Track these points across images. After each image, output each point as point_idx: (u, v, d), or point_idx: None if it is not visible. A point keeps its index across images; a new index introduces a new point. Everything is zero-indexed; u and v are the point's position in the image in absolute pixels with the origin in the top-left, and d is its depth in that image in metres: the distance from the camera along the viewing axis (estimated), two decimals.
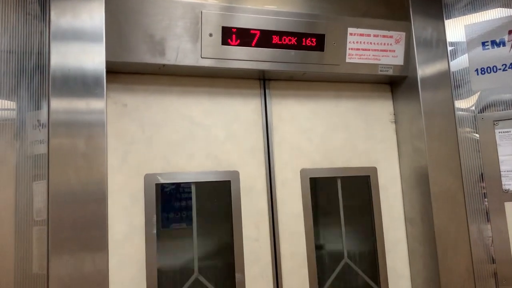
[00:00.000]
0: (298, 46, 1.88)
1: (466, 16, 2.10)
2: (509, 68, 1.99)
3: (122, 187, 1.74)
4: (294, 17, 1.87)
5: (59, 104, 1.51)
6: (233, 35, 1.78)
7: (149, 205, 1.75)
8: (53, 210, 1.46)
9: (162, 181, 1.78)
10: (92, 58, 1.56)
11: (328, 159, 2.08)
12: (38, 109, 1.52)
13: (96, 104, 1.54)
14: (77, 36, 1.55)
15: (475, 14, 2.08)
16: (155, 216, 1.74)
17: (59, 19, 1.54)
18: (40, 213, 1.47)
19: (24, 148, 1.50)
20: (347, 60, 1.97)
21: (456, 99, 2.06)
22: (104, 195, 1.52)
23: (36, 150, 1.50)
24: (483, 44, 2.04)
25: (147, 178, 1.76)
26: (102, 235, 1.51)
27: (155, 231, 1.73)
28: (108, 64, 1.61)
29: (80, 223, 1.48)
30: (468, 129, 2.03)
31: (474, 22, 2.07)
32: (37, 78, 1.52)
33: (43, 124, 1.51)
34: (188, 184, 1.86)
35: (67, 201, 1.48)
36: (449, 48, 2.10)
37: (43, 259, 1.44)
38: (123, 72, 1.79)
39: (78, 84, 1.53)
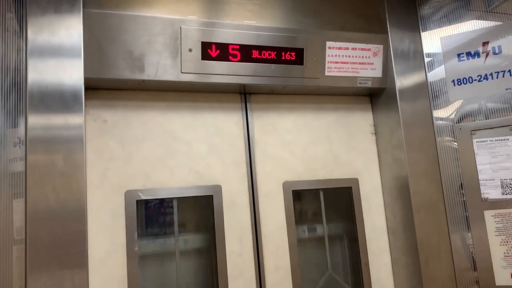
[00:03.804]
0: (278, 60, 1.89)
1: (442, 28, 2.15)
2: (484, 79, 2.03)
3: (103, 204, 1.71)
4: (273, 32, 1.89)
5: (36, 121, 1.49)
6: (213, 50, 1.79)
7: (130, 222, 1.72)
8: (31, 228, 1.44)
9: (143, 197, 1.76)
10: (70, 74, 1.55)
11: (310, 171, 2.09)
12: (15, 127, 1.50)
13: (74, 120, 1.53)
14: (54, 52, 1.55)
15: (450, 26, 2.13)
16: (136, 233, 1.72)
17: (36, 35, 1.54)
18: (20, 231, 1.44)
19: (4, 165, 1.47)
20: (326, 74, 2.00)
21: (435, 109, 2.09)
22: (83, 212, 1.50)
23: (15, 167, 1.48)
24: (459, 55, 2.09)
25: (128, 194, 1.74)
26: (82, 253, 1.49)
27: (136, 248, 1.71)
28: (87, 81, 1.60)
29: (59, 242, 1.46)
30: (447, 139, 2.06)
31: (449, 34, 2.12)
32: (14, 95, 1.51)
33: (22, 141, 1.49)
34: (170, 200, 1.85)
35: (46, 219, 1.45)
36: (426, 60, 2.14)
37: (22, 279, 1.41)
38: (102, 88, 1.78)
39: (56, 101, 1.52)
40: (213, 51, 1.79)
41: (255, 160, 2.00)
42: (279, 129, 2.07)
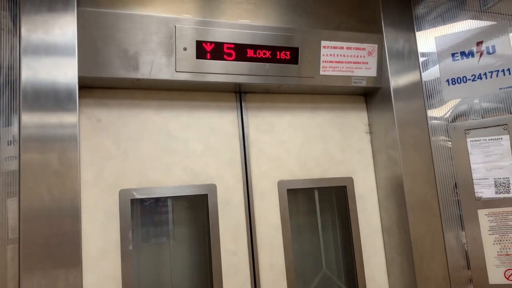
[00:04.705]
0: (273, 60, 1.90)
1: (436, 28, 2.15)
2: (478, 78, 2.04)
3: (97, 203, 1.71)
4: (268, 31, 1.89)
5: (30, 120, 1.49)
6: (207, 49, 1.79)
7: (125, 221, 1.72)
8: (25, 227, 1.43)
9: (138, 196, 1.76)
10: (64, 73, 1.55)
11: (306, 170, 2.09)
12: (9, 125, 1.49)
13: (68, 119, 1.53)
14: (48, 51, 1.54)
15: (445, 26, 2.14)
16: (130, 232, 1.71)
17: (30, 34, 1.53)
18: (14, 230, 1.44)
19: None
20: (321, 73, 2.00)
21: (429, 109, 2.10)
22: (77, 211, 1.50)
23: (8, 166, 1.47)
24: (453, 55, 2.10)
25: (122, 193, 1.73)
26: (76, 253, 1.48)
27: (131, 247, 1.71)
28: (81, 79, 1.60)
29: (53, 241, 1.45)
30: (441, 138, 2.07)
31: (444, 33, 2.13)
32: (7, 93, 1.50)
33: (16, 140, 1.48)
34: (165, 199, 1.85)
35: (39, 218, 1.45)
36: (421, 59, 2.15)
37: (16, 278, 1.41)
38: (96, 87, 1.77)
39: (50, 99, 1.52)
40: (208, 50, 1.79)
41: (250, 159, 2.00)
42: (274, 128, 2.07)
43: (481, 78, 2.04)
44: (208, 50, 1.79)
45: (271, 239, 1.96)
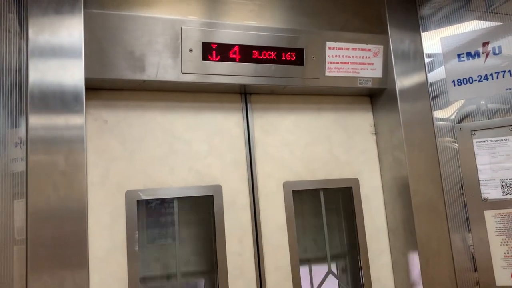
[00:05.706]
0: (278, 61, 1.90)
1: (442, 28, 2.15)
2: (484, 79, 2.03)
3: (103, 204, 1.72)
4: (274, 32, 1.89)
5: (37, 121, 1.50)
6: (213, 51, 1.80)
7: (131, 222, 1.73)
8: (32, 228, 1.44)
9: (144, 197, 1.77)
10: (71, 75, 1.56)
11: (311, 171, 2.09)
12: (16, 127, 1.50)
13: (75, 120, 1.54)
14: (55, 53, 1.55)
15: (451, 26, 2.13)
16: (137, 232, 1.72)
17: (37, 36, 1.54)
18: (21, 232, 1.45)
19: (5, 165, 1.48)
20: (327, 74, 2.00)
21: (435, 110, 2.10)
22: (84, 212, 1.51)
23: (16, 167, 1.48)
24: (459, 56, 2.09)
25: (128, 194, 1.74)
26: (83, 253, 1.49)
27: (137, 248, 1.71)
28: (88, 81, 1.60)
29: (60, 241, 1.46)
30: (447, 139, 2.07)
31: (449, 34, 2.12)
32: (15, 95, 1.51)
33: (23, 141, 1.49)
34: (170, 200, 1.85)
35: (46, 219, 1.46)
36: (426, 60, 2.14)
37: (23, 279, 1.42)
38: (103, 89, 1.78)
39: (57, 101, 1.52)
40: (214, 51, 1.80)
41: (255, 160, 2.00)
42: (279, 129, 2.08)
43: (487, 79, 2.03)
44: (213, 52, 1.79)
45: (277, 240, 1.96)
